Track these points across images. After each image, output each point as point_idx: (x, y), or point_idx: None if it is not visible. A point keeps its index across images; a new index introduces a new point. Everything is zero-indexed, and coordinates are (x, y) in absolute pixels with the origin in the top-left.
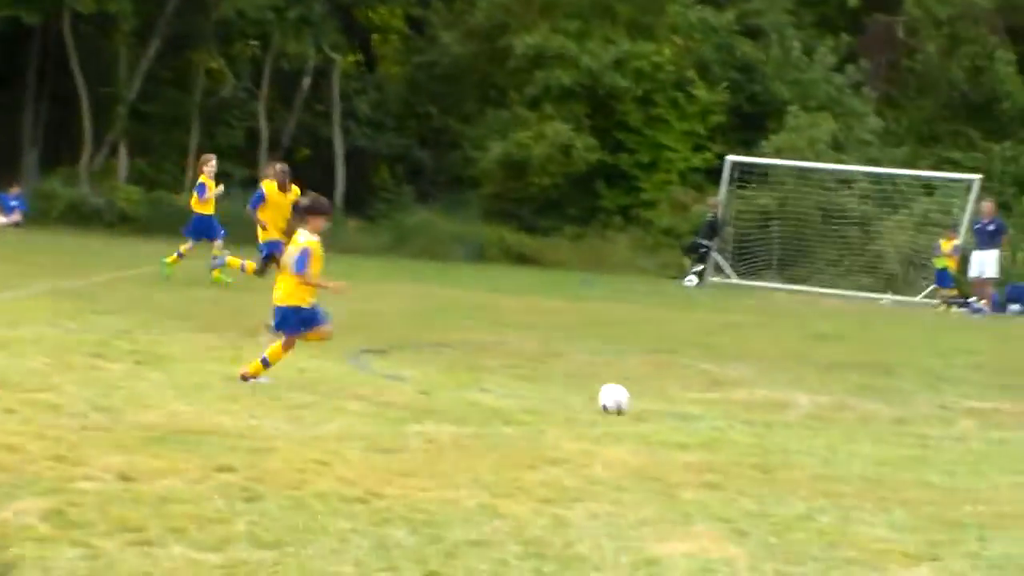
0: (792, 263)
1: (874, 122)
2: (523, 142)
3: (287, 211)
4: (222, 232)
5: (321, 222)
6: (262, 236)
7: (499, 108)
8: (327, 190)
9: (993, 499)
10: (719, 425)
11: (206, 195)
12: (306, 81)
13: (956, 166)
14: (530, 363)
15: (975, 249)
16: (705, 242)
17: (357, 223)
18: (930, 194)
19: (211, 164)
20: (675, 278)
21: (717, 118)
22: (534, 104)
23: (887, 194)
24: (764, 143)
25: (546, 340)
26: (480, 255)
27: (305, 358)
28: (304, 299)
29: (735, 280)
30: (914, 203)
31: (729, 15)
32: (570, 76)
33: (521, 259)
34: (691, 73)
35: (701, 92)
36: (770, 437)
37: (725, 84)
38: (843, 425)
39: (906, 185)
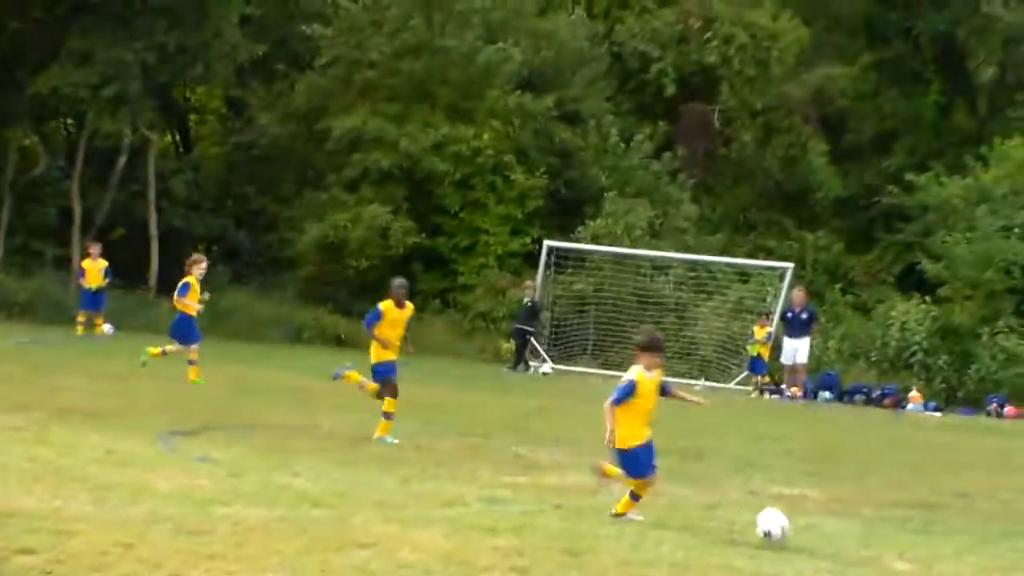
0: (607, 348)
1: (690, 209)
2: (340, 224)
3: (402, 328)
4: (199, 336)
5: (655, 359)
6: (378, 355)
7: (317, 190)
8: (141, 270)
9: None
10: (529, 509)
11: (186, 296)
12: (121, 160)
13: (770, 254)
14: (342, 446)
15: (787, 336)
16: (526, 327)
17: (171, 304)
18: (744, 281)
19: (201, 266)
20: (512, 365)
21: (535, 203)
22: (352, 186)
23: (702, 281)
24: (581, 228)
25: (359, 423)
26: (296, 337)
27: (113, 439)
28: (638, 436)
29: (551, 365)
30: (729, 290)
31: (548, 101)
32: (388, 159)
33: (337, 341)
34: (509, 158)
35: (519, 177)
36: (580, 522)
37: (543, 169)
38: (653, 510)
39: (721, 272)
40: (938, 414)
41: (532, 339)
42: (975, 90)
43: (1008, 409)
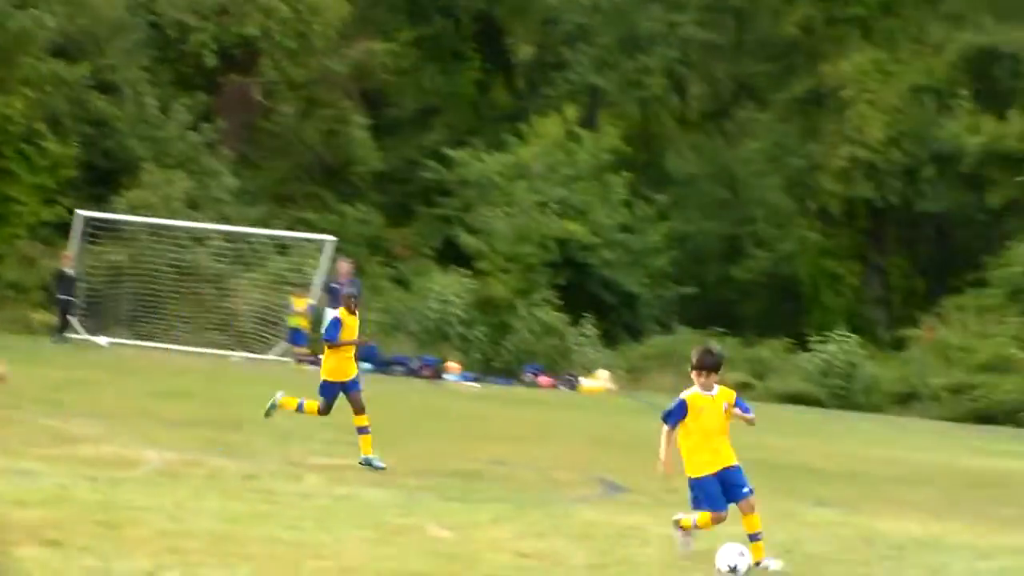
0: (144, 319)
1: (230, 181)
2: None
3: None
4: None
5: (710, 377)
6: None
7: None
8: None
9: (339, 553)
10: (62, 482)
11: None
12: None
13: (311, 227)
14: None
15: (331, 308)
16: (67, 297)
17: None
18: (284, 253)
19: None
20: (58, 337)
21: (68, 172)
22: None
23: (241, 252)
24: (117, 198)
25: None
26: None
27: None
28: (703, 464)
29: (84, 336)
30: (269, 262)
31: (83, 69)
32: None
33: None
34: (41, 126)
35: (52, 145)
36: (116, 493)
37: (77, 138)
38: (192, 481)
39: (261, 244)
40: (476, 384)
41: (72, 306)
42: (513, 68)
43: (542, 379)
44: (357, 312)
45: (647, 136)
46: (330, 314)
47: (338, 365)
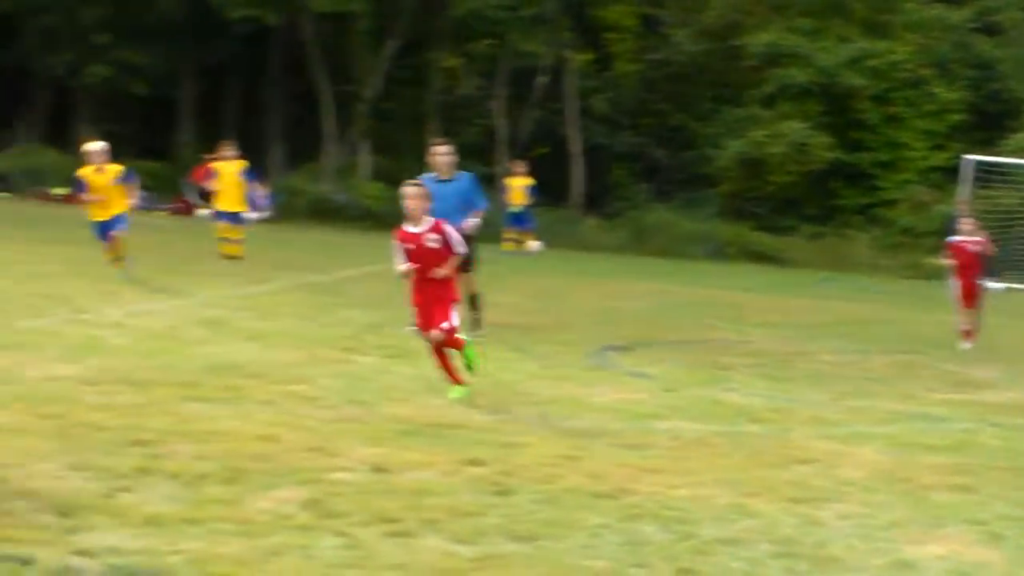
0: None
1: None
2: (759, 140)
3: None
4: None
5: None
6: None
7: (734, 106)
8: (564, 187)
9: None
10: (968, 427)
11: None
12: (540, 79)
13: None
14: (774, 362)
15: None
16: None
17: (595, 221)
18: None
19: None
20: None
21: (955, 116)
22: (769, 102)
23: None
24: (1004, 142)
25: (789, 339)
26: (719, 253)
27: (548, 354)
28: None
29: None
30: None
31: (965, 12)
32: (805, 75)
33: (759, 257)
34: (928, 71)
35: (939, 90)
36: (1021, 441)
37: (964, 82)
38: None
39: None
40: None
41: None
42: None
43: None
44: None
45: None
46: None
47: None
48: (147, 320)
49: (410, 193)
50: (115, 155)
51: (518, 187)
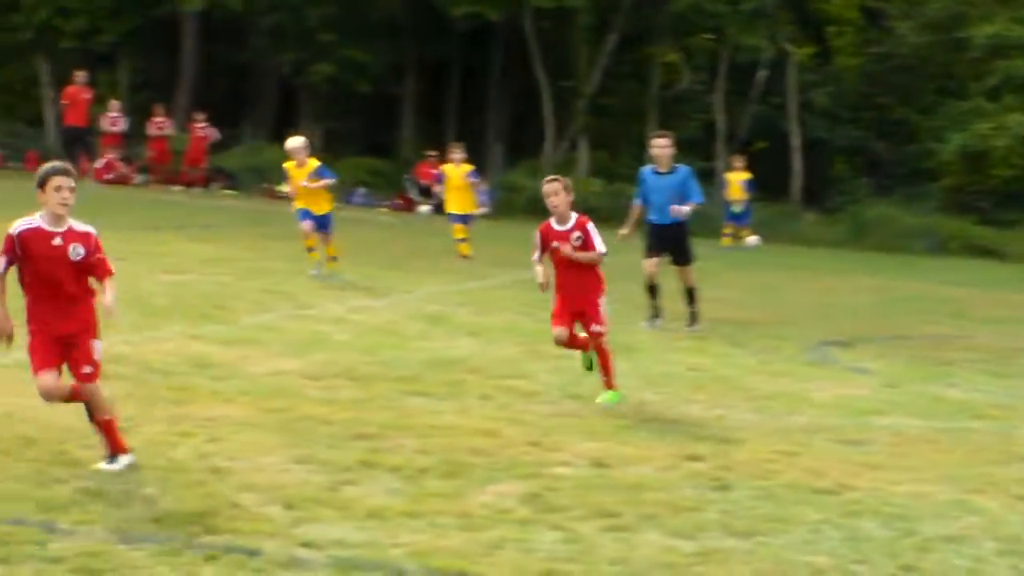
0: None
1: None
2: (983, 133)
3: None
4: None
5: None
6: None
7: (957, 99)
8: (784, 182)
9: None
10: None
11: None
12: (761, 73)
13: None
14: (998, 358)
15: None
16: None
17: (814, 215)
18: None
19: None
20: None
21: None
22: (994, 95)
23: None
24: None
25: (1014, 335)
26: (940, 248)
27: (766, 349)
28: None
29: None
30: None
31: None
32: None
33: (982, 252)
34: None
35: None
36: None
37: None
38: None
39: None
40: None
41: None
42: None
43: None
44: None
45: None
46: None
47: None
48: (368, 316)
49: (552, 190)
50: (338, 152)
51: (737, 182)
